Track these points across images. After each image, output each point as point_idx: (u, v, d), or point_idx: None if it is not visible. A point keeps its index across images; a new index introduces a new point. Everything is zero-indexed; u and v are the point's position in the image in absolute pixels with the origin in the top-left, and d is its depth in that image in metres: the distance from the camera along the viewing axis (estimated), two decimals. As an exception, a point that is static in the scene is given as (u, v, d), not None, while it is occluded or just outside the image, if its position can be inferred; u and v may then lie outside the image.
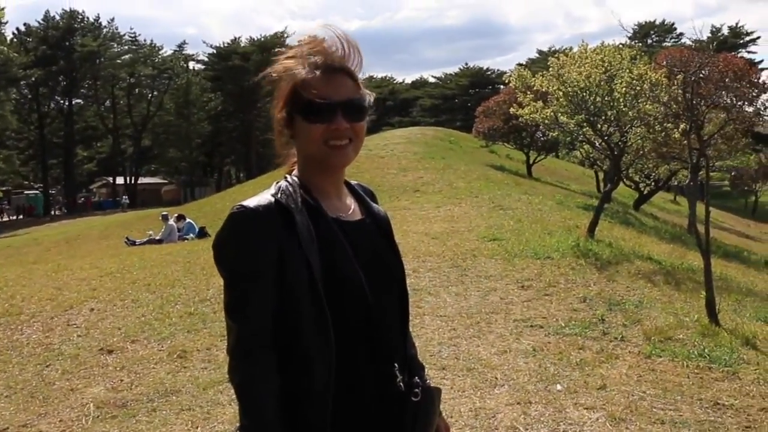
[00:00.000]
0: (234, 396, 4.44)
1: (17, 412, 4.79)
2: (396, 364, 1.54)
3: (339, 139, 1.51)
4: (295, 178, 1.57)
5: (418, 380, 1.60)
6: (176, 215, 18.05)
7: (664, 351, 5.17)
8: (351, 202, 1.65)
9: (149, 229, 18.47)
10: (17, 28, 57.96)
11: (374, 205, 1.71)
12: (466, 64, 77.49)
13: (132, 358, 5.76)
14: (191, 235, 16.78)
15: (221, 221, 1.51)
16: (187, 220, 17.69)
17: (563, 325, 5.92)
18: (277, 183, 1.56)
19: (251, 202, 1.48)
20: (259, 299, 1.44)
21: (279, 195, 1.50)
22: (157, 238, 16.82)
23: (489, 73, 74.42)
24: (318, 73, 1.51)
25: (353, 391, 1.48)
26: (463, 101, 69.74)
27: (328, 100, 1.49)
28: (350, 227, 1.56)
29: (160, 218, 18.14)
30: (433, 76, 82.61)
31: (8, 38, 53.27)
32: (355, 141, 1.54)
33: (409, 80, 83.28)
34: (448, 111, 69.75)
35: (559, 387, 4.55)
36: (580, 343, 5.42)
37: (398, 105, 75.61)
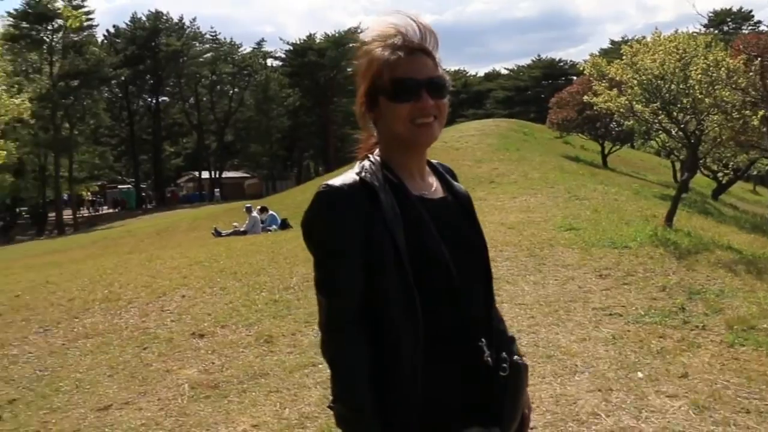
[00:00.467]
0: (319, 379, 4.64)
1: (120, 390, 5.13)
2: (483, 340, 1.56)
3: (425, 116, 1.54)
4: (378, 158, 1.60)
5: (505, 355, 1.60)
6: (259, 207, 18.61)
7: (748, 340, 5.04)
8: (433, 181, 1.68)
9: (234, 221, 19.12)
10: (107, 30, 60.87)
11: (456, 183, 1.74)
12: (539, 55, 76.02)
13: (222, 342, 6.06)
14: (274, 226, 17.29)
15: (302, 213, 1.60)
16: (270, 212, 18.23)
17: (643, 313, 5.84)
18: (360, 162, 1.60)
19: (336, 181, 1.53)
20: (348, 275, 1.48)
21: (363, 173, 1.54)
22: (242, 229, 17.42)
23: (561, 64, 72.93)
24: (400, 53, 1.54)
25: (441, 366, 1.51)
26: (536, 93, 68.43)
27: (413, 79, 1.53)
28: (433, 205, 1.59)
29: (244, 210, 18.73)
30: (505, 68, 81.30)
31: (99, 40, 55.93)
32: (439, 118, 1.57)
33: (481, 73, 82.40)
34: (521, 103, 68.74)
35: (640, 375, 4.52)
36: (661, 332, 5.35)
37: (472, 97, 74.94)
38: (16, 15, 45.26)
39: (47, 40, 49.21)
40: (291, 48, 65.25)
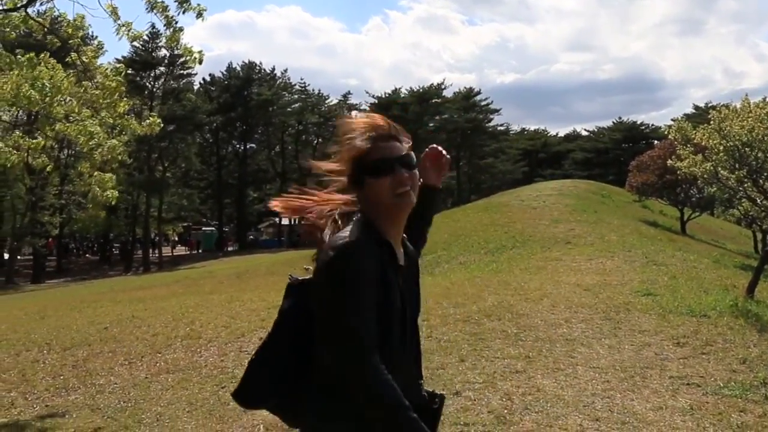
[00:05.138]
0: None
1: (197, 427, 5.36)
2: (421, 380, 2.06)
3: (403, 186, 1.93)
4: (366, 221, 1.94)
5: (434, 391, 2.07)
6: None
7: (835, 422, 4.83)
8: (401, 250, 2.05)
9: (310, 267, 19.47)
10: (203, 78, 63.58)
11: (409, 246, 2.11)
12: (620, 118, 74.18)
13: (296, 386, 6.22)
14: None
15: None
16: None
17: (722, 385, 5.67)
18: (357, 223, 1.92)
19: (353, 237, 1.86)
20: (372, 307, 1.81)
21: (370, 231, 1.90)
22: (318, 276, 17.72)
23: (643, 127, 71.29)
24: (375, 142, 1.95)
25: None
26: (616, 155, 67.06)
27: (388, 158, 1.94)
28: (399, 270, 1.98)
29: (321, 258, 19.06)
30: (585, 130, 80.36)
31: (195, 88, 58.77)
32: (413, 187, 1.96)
33: (562, 133, 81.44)
34: (600, 165, 67.39)
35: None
36: (741, 406, 5.18)
37: (550, 157, 74.24)
38: (124, 62, 48.22)
39: (149, 86, 52.14)
40: (376, 101, 66.57)
